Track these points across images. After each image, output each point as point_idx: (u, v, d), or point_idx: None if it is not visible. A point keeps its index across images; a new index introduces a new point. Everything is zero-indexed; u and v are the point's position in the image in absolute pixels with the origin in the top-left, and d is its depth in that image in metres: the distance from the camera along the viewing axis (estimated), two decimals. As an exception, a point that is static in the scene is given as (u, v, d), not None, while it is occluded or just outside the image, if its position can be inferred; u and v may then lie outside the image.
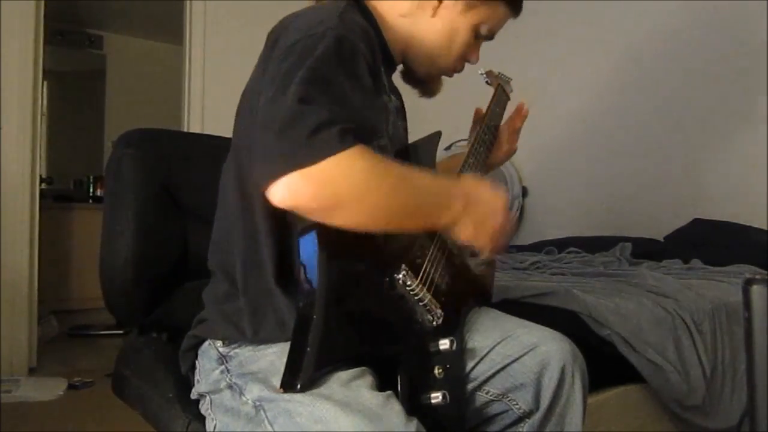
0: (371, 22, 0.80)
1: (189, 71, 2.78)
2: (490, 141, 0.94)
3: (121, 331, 3.05)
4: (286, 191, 0.60)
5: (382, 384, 0.68)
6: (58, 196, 3.79)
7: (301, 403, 0.62)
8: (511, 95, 1.03)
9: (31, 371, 2.46)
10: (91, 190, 4.13)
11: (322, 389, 0.63)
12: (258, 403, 0.67)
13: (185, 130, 2.73)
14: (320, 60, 0.65)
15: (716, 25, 2.21)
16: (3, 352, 2.34)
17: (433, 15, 0.83)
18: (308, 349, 0.62)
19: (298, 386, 0.62)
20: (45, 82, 2.66)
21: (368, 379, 0.66)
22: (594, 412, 1.15)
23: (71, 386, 2.26)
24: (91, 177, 4.15)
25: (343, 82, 0.66)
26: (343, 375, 0.65)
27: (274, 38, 0.73)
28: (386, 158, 0.66)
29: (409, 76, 0.90)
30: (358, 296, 0.68)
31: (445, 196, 0.71)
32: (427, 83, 0.91)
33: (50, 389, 2.20)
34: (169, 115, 3.18)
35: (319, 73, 0.64)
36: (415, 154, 0.87)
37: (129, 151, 0.97)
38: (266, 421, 0.65)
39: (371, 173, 0.62)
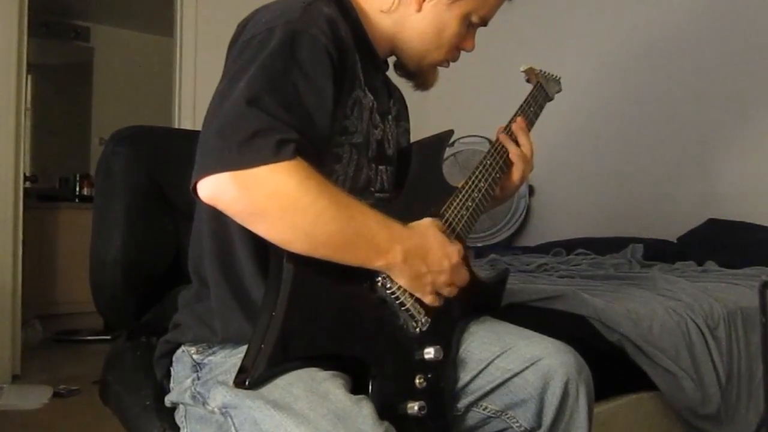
0: (350, 15, 0.77)
1: (180, 65, 2.74)
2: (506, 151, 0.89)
3: (108, 337, 3.02)
4: (213, 188, 0.62)
5: (359, 390, 0.66)
6: (42, 196, 3.72)
7: (265, 410, 0.62)
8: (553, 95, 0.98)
9: (15, 378, 2.42)
10: (78, 188, 4.06)
11: (288, 394, 0.62)
12: (224, 410, 0.67)
13: (176, 125, 2.70)
14: (273, 56, 0.65)
15: (731, 21, 2.21)
16: (-15, 357, 2.30)
17: (419, 10, 0.80)
18: (262, 346, 0.62)
19: (247, 383, 0.62)
20: (29, 76, 2.61)
21: (338, 382, 0.64)
22: (604, 422, 1.13)
23: (57, 394, 2.23)
24: (78, 175, 4.08)
25: (296, 80, 0.65)
26: (312, 377, 0.64)
27: (239, 30, 0.73)
28: (326, 182, 0.64)
29: (401, 70, 0.88)
30: (332, 297, 0.68)
31: (385, 239, 0.68)
32: (419, 76, 0.88)
33: (35, 397, 2.17)
34: (159, 111, 3.13)
35: (269, 72, 0.64)
36: (420, 152, 0.85)
37: (120, 149, 0.95)
38: (233, 429, 0.65)
39: (299, 191, 0.62)
